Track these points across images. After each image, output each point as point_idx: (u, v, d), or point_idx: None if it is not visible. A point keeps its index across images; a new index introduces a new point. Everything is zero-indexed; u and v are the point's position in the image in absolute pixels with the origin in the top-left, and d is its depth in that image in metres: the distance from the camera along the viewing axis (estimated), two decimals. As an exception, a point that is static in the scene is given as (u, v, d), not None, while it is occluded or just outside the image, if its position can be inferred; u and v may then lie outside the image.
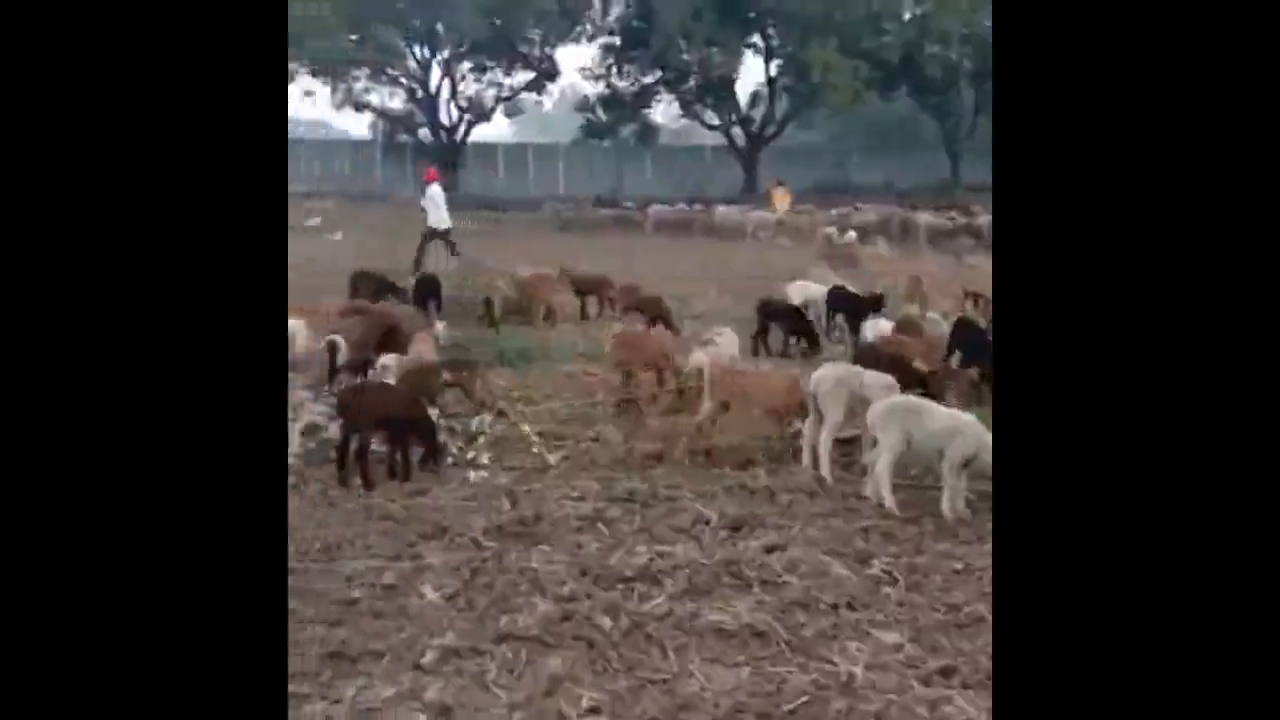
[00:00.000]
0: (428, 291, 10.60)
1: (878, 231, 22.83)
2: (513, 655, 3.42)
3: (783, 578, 4.08)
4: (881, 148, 39.92)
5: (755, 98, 39.18)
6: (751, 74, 38.85)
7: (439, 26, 36.06)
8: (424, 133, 38.56)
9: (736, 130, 38.96)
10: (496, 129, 43.72)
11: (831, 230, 23.56)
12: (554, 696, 3.14)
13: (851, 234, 20.32)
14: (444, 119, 38.37)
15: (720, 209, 27.64)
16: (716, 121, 39.36)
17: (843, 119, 38.09)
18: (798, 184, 35.26)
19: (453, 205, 17.03)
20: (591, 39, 38.29)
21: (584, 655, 3.43)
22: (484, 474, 5.49)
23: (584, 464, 5.77)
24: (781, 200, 27.53)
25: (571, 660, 3.38)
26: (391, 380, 5.64)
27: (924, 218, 23.72)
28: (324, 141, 41.96)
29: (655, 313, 9.68)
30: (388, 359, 6.24)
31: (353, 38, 33.82)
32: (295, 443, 5.58)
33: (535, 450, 5.95)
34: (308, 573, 4.10)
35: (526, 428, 6.33)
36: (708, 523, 4.72)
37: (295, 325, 7.47)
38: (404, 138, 38.72)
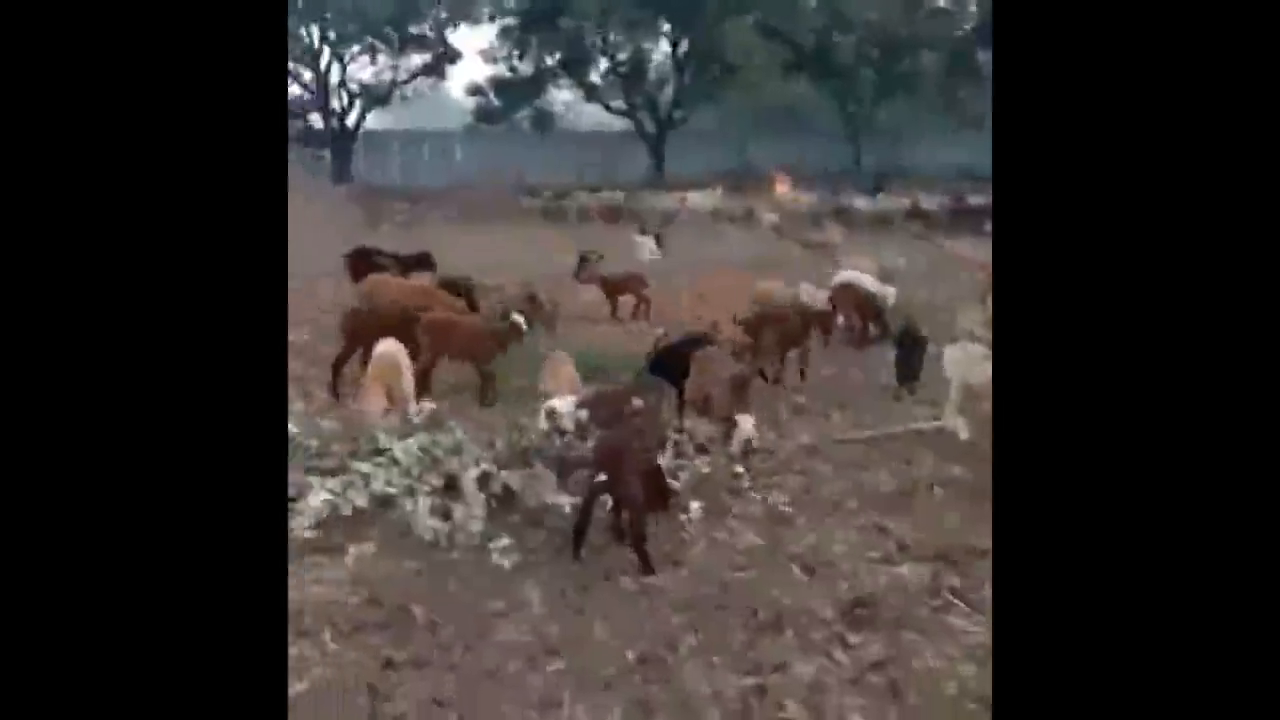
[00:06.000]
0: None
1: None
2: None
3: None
4: (783, 132, 39.42)
5: (662, 81, 38.44)
6: (661, 55, 38.07)
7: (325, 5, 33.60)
8: (315, 119, 36.05)
9: (643, 114, 38.14)
10: (393, 116, 41.02)
11: (771, 216, 23.24)
12: None
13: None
14: (335, 105, 35.94)
15: (649, 196, 26.95)
16: (624, 105, 38.39)
17: (740, 103, 37.52)
18: (698, 168, 34.69)
19: (351, 196, 15.32)
20: (492, 19, 36.55)
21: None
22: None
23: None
24: (782, 187, 27.32)
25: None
26: (583, 418, 4.51)
27: (861, 202, 23.70)
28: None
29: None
30: (560, 403, 4.90)
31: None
32: (478, 503, 4.41)
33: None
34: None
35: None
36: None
37: (389, 347, 6.16)
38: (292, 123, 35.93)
